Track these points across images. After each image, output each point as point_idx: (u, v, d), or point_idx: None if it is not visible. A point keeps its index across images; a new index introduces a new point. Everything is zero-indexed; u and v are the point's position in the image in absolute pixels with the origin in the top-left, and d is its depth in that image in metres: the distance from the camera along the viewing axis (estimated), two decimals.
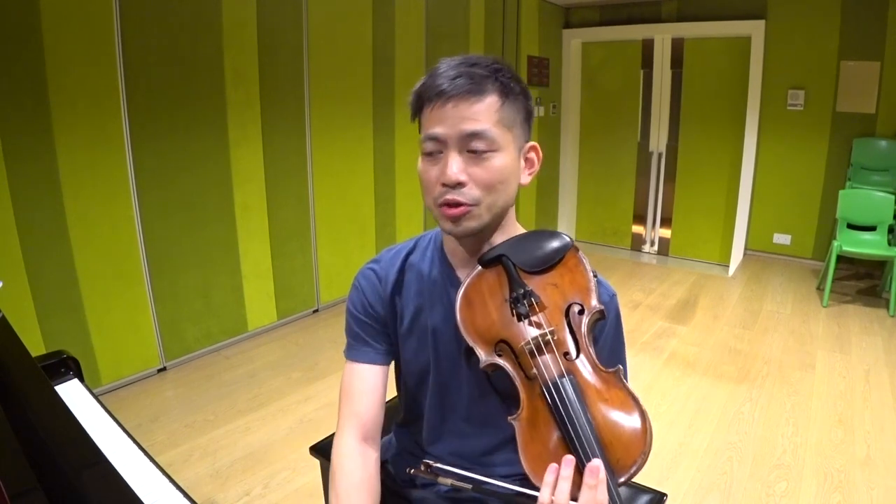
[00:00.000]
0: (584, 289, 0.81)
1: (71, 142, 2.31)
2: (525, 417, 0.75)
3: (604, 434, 0.71)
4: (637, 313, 3.68)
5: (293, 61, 3.16)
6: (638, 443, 0.70)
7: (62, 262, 2.36)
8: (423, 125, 0.81)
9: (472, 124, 0.77)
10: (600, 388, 0.74)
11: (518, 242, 0.85)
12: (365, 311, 0.96)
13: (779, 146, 4.55)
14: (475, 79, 0.78)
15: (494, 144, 0.79)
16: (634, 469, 0.69)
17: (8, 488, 0.66)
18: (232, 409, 2.46)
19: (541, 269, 0.83)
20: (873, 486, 2.00)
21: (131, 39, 2.44)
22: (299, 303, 3.46)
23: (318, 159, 3.38)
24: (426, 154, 0.81)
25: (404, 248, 0.98)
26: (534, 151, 0.87)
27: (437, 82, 0.79)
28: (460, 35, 4.23)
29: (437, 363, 0.93)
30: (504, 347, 0.80)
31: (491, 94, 0.79)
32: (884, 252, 3.60)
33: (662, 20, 4.81)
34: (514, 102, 0.81)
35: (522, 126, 0.84)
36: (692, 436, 2.32)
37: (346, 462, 0.89)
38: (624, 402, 0.72)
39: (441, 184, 0.79)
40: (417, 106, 0.83)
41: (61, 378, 1.25)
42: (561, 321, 0.79)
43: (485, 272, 0.85)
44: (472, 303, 0.83)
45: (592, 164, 5.50)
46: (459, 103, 0.77)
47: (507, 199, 0.83)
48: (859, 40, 4.11)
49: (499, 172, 0.79)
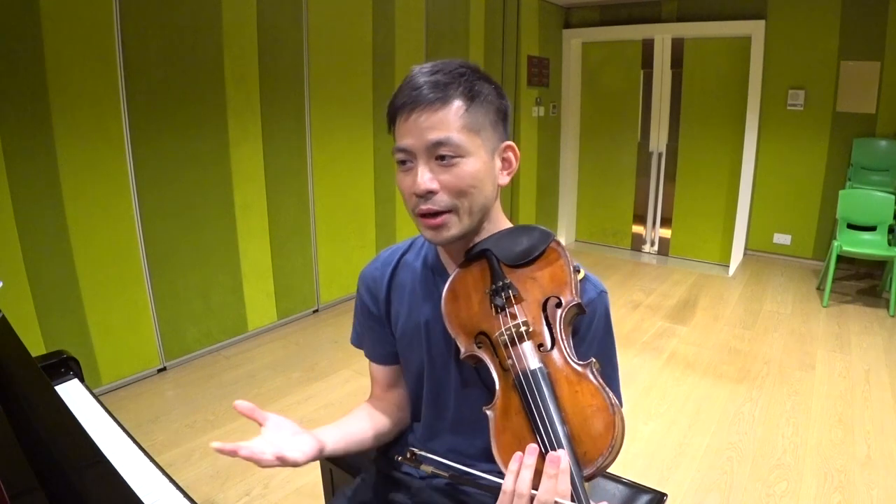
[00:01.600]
0: (562, 282, 0.82)
1: (71, 142, 2.31)
2: (499, 407, 0.77)
3: (572, 426, 0.71)
4: (637, 313, 3.68)
5: (293, 61, 3.16)
6: (605, 436, 0.69)
7: (62, 262, 2.36)
8: (395, 137, 0.83)
9: (436, 133, 0.78)
10: (572, 381, 0.75)
11: (502, 237, 0.87)
12: (367, 314, 1.01)
13: (779, 146, 4.55)
14: (438, 86, 0.79)
15: (461, 150, 0.79)
16: (601, 462, 0.69)
17: (8, 488, 0.66)
18: (232, 409, 2.45)
19: (522, 263, 0.84)
20: (873, 486, 2.00)
21: (131, 39, 2.44)
22: (299, 303, 3.46)
23: (318, 159, 3.38)
24: (399, 165, 0.83)
25: (400, 248, 1.01)
26: (510, 151, 0.87)
27: (402, 93, 0.81)
28: (460, 35, 4.23)
29: (430, 360, 0.95)
30: (483, 339, 0.82)
31: (454, 100, 0.79)
32: (884, 252, 3.60)
33: (662, 20, 4.81)
34: (480, 106, 0.81)
35: (494, 127, 0.84)
36: (692, 436, 2.32)
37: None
38: (594, 395, 0.73)
39: (414, 194, 0.81)
40: (391, 118, 0.84)
41: (61, 378, 1.25)
42: (538, 314, 0.80)
43: (471, 266, 0.87)
44: (458, 296, 0.85)
45: (592, 164, 5.50)
46: (423, 113, 0.79)
47: (483, 202, 0.84)
48: (859, 40, 4.11)
49: (469, 177, 0.80)
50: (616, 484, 1.20)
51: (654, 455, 2.19)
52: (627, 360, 2.98)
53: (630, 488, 1.19)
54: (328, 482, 1.36)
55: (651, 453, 2.21)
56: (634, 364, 2.94)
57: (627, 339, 3.28)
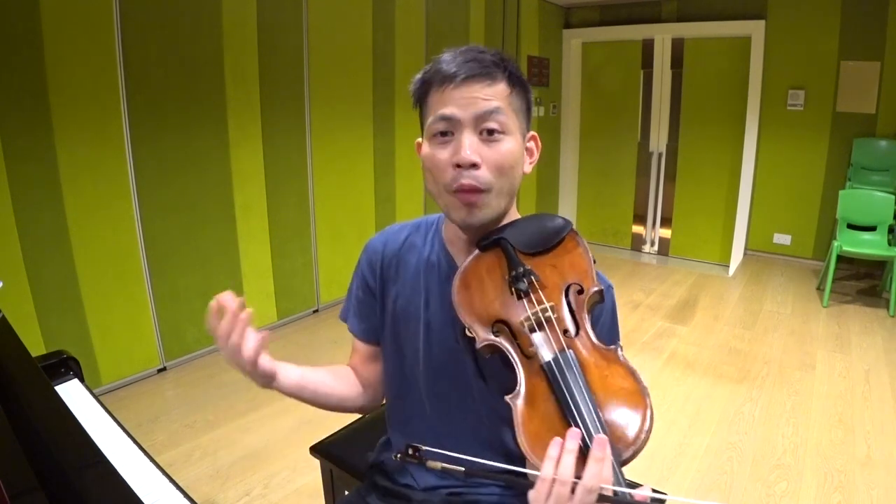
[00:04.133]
0: (582, 270, 0.81)
1: (71, 142, 2.31)
2: (523, 395, 0.73)
3: (605, 410, 0.69)
4: (637, 313, 3.68)
5: (293, 61, 3.16)
6: (641, 419, 0.68)
7: (62, 262, 2.36)
8: (432, 107, 0.81)
9: (487, 103, 0.78)
10: (601, 365, 0.73)
11: (517, 225, 0.86)
12: (364, 287, 1.00)
13: (779, 146, 4.55)
14: (486, 64, 0.80)
15: (506, 126, 0.80)
16: (638, 445, 0.67)
17: (8, 488, 0.66)
18: (232, 409, 2.46)
19: (539, 251, 0.83)
20: (873, 486, 2.00)
21: (131, 39, 2.44)
22: (299, 303, 3.46)
23: (318, 159, 3.38)
24: (436, 135, 0.81)
25: (408, 226, 0.99)
26: (534, 141, 0.88)
27: (446, 66, 0.80)
28: (460, 35, 4.23)
29: (429, 350, 0.92)
30: (502, 327, 0.79)
31: (500, 81, 0.80)
32: (884, 252, 3.60)
33: (662, 20, 4.81)
34: (519, 92, 0.83)
35: (526, 115, 0.85)
36: (692, 436, 2.32)
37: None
38: (625, 378, 0.71)
39: (455, 165, 0.78)
40: (423, 91, 0.83)
41: (61, 378, 1.25)
42: (560, 300, 0.79)
43: (482, 255, 0.85)
44: (470, 285, 0.83)
45: (592, 164, 5.50)
46: (473, 84, 0.78)
47: (512, 186, 0.83)
48: (859, 40, 4.11)
49: (510, 155, 0.80)
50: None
51: (654, 455, 2.19)
52: None
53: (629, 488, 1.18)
54: (328, 482, 1.36)
55: (651, 453, 2.21)
56: (634, 364, 2.93)
57: (627, 339, 3.27)
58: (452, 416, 0.93)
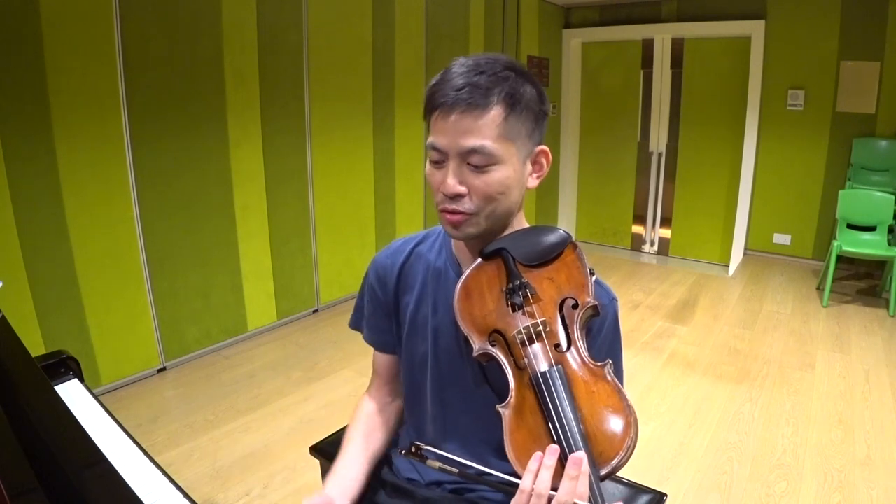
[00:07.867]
0: (579, 284, 0.82)
1: (71, 142, 2.31)
2: (513, 406, 0.76)
3: (589, 426, 0.71)
4: (637, 313, 3.68)
5: (293, 61, 3.16)
6: (622, 437, 0.70)
7: (62, 262, 2.36)
8: (430, 128, 0.83)
9: (471, 140, 0.78)
10: (588, 381, 0.75)
11: (519, 236, 0.87)
12: (375, 301, 1.01)
13: (779, 146, 4.55)
14: (480, 89, 0.77)
15: (493, 158, 0.79)
16: (616, 462, 0.69)
17: (8, 488, 0.66)
18: (232, 409, 2.46)
19: (539, 263, 0.84)
20: (873, 486, 2.00)
21: (131, 39, 2.44)
22: (299, 303, 3.46)
23: (318, 159, 3.38)
24: (432, 157, 0.83)
25: (414, 238, 1.01)
26: (543, 156, 0.87)
27: (443, 90, 0.79)
28: (460, 35, 4.23)
29: (436, 356, 0.94)
30: (498, 337, 0.81)
31: (495, 107, 0.78)
32: (884, 252, 3.60)
33: (662, 20, 4.81)
34: (520, 113, 0.80)
35: (531, 135, 0.83)
36: (692, 436, 2.32)
37: (357, 411, 1.05)
38: (610, 396, 0.73)
39: (441, 192, 0.82)
40: (426, 108, 0.83)
41: (61, 378, 1.24)
42: (554, 314, 0.80)
43: (485, 264, 0.86)
44: (471, 294, 0.85)
45: (592, 164, 5.50)
46: (462, 116, 0.78)
47: (507, 207, 0.84)
48: (859, 40, 4.11)
49: (498, 184, 0.81)
50: (616, 484, 1.20)
51: (654, 455, 2.19)
52: (627, 361, 2.96)
53: (630, 488, 1.19)
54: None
55: (651, 453, 2.21)
56: (634, 364, 2.94)
57: (627, 339, 3.25)
58: (458, 418, 0.95)
